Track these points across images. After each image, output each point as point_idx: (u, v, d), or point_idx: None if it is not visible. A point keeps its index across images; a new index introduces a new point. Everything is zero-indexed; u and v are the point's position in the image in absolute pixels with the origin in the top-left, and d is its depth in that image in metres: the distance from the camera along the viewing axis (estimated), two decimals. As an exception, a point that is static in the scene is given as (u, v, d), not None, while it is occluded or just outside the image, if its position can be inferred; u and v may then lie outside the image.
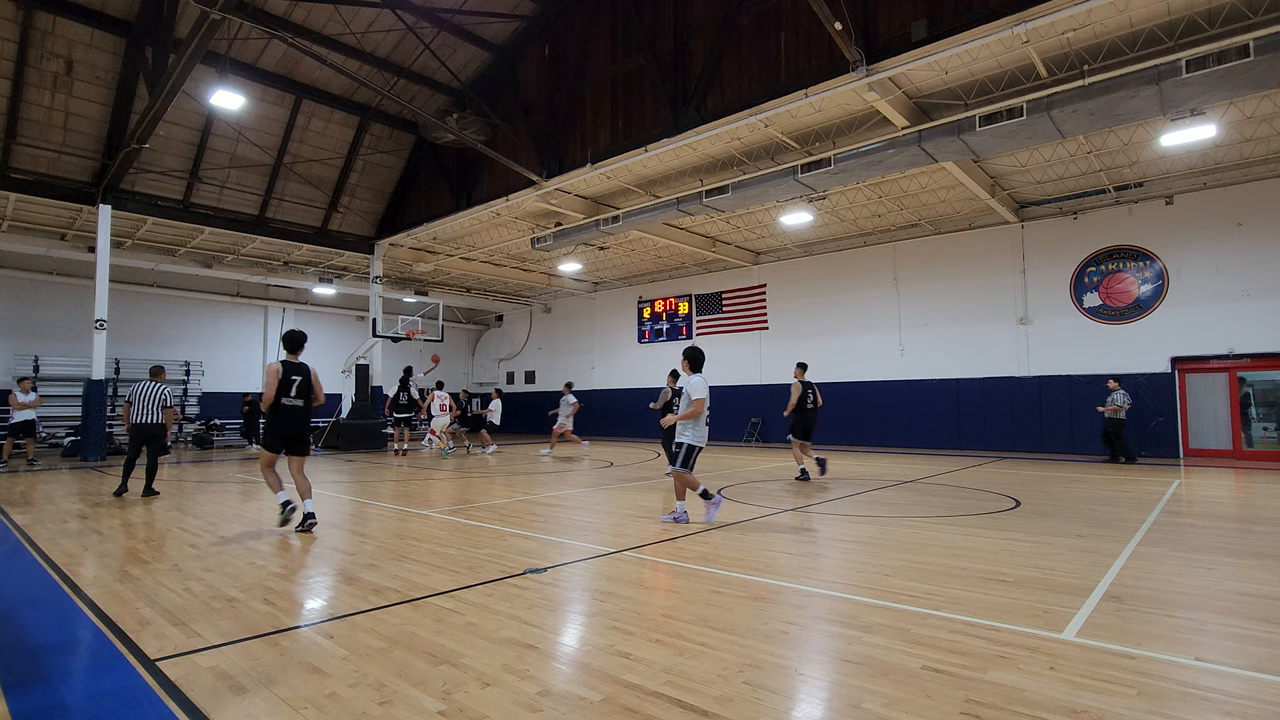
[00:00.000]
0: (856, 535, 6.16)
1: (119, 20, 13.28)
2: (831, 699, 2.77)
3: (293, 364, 6.60)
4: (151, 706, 2.70)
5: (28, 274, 18.62)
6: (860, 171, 12.00)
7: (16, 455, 14.08)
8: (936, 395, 17.11)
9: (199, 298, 22.00)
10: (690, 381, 6.73)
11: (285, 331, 6.90)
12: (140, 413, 8.55)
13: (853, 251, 18.92)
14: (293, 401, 6.50)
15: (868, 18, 10.30)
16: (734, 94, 12.01)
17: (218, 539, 6.07)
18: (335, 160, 18.02)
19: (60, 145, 14.46)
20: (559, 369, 27.43)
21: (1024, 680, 2.88)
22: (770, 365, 20.48)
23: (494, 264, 22.38)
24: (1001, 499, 8.24)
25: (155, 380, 8.88)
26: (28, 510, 7.76)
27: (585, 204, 16.35)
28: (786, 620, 3.72)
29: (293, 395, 6.50)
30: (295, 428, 6.58)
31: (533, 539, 6.05)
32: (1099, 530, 6.23)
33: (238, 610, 3.92)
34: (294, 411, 6.53)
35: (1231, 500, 8.35)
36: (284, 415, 6.51)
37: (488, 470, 12.61)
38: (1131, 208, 14.63)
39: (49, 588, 4.51)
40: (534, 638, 3.45)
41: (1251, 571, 4.73)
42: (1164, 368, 14.15)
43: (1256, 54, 8.11)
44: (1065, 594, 4.16)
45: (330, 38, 14.64)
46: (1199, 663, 3.09)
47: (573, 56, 15.00)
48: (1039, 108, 9.72)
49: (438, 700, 2.71)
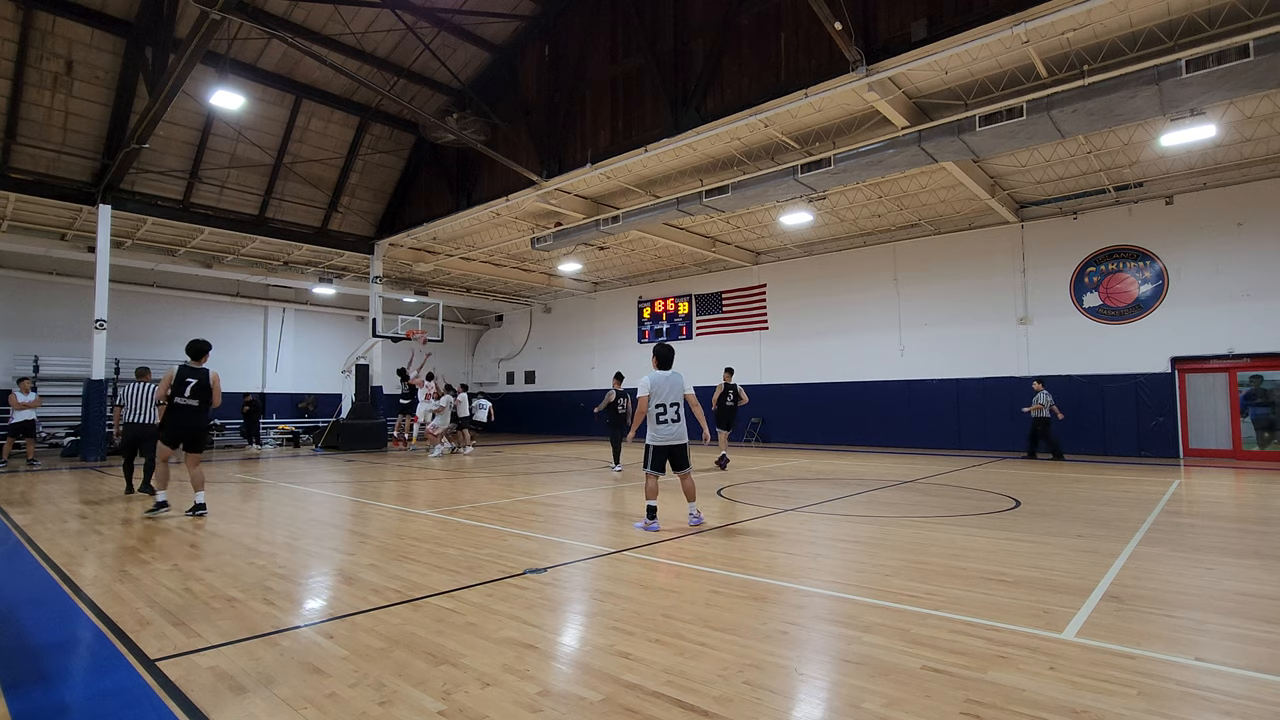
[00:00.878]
0: (856, 535, 6.16)
1: (119, 20, 13.29)
2: (831, 699, 2.77)
3: (190, 369, 7.33)
4: (151, 706, 2.69)
5: (28, 274, 18.62)
6: (860, 171, 12.00)
7: (16, 455, 14.07)
8: (936, 395, 17.12)
9: (199, 298, 21.99)
10: (640, 380, 6.49)
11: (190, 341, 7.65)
12: (132, 413, 8.69)
13: (853, 251, 18.92)
14: (186, 401, 7.19)
15: (868, 18, 10.30)
16: (734, 94, 12.01)
17: (218, 539, 6.07)
18: (335, 160, 18.02)
19: (60, 145, 14.46)
20: (559, 369, 27.45)
21: (1024, 680, 2.87)
22: (770, 365, 20.48)
23: (494, 264, 22.39)
24: (1001, 499, 8.24)
25: (143, 381, 9.01)
26: (28, 510, 7.76)
27: (585, 204, 16.35)
28: (786, 620, 3.72)
29: (186, 396, 7.19)
30: (186, 425, 7.24)
31: (533, 539, 6.05)
32: (1099, 530, 6.22)
33: (238, 610, 3.92)
34: (187, 410, 7.21)
35: (1231, 500, 8.34)
36: (177, 414, 7.21)
37: (488, 470, 12.61)
38: (1131, 208, 14.64)
39: (49, 588, 4.51)
40: (534, 638, 3.45)
41: (1251, 571, 4.73)
42: (1164, 368, 14.16)
43: (1256, 54, 8.11)
44: (1065, 594, 4.16)
45: (330, 38, 14.65)
46: (1199, 663, 3.09)
47: (573, 56, 15.01)
48: (1039, 108, 9.72)
49: (438, 700, 2.71)
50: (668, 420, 6.47)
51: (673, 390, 6.49)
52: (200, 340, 7.61)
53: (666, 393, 6.47)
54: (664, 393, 6.46)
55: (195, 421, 7.29)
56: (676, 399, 6.50)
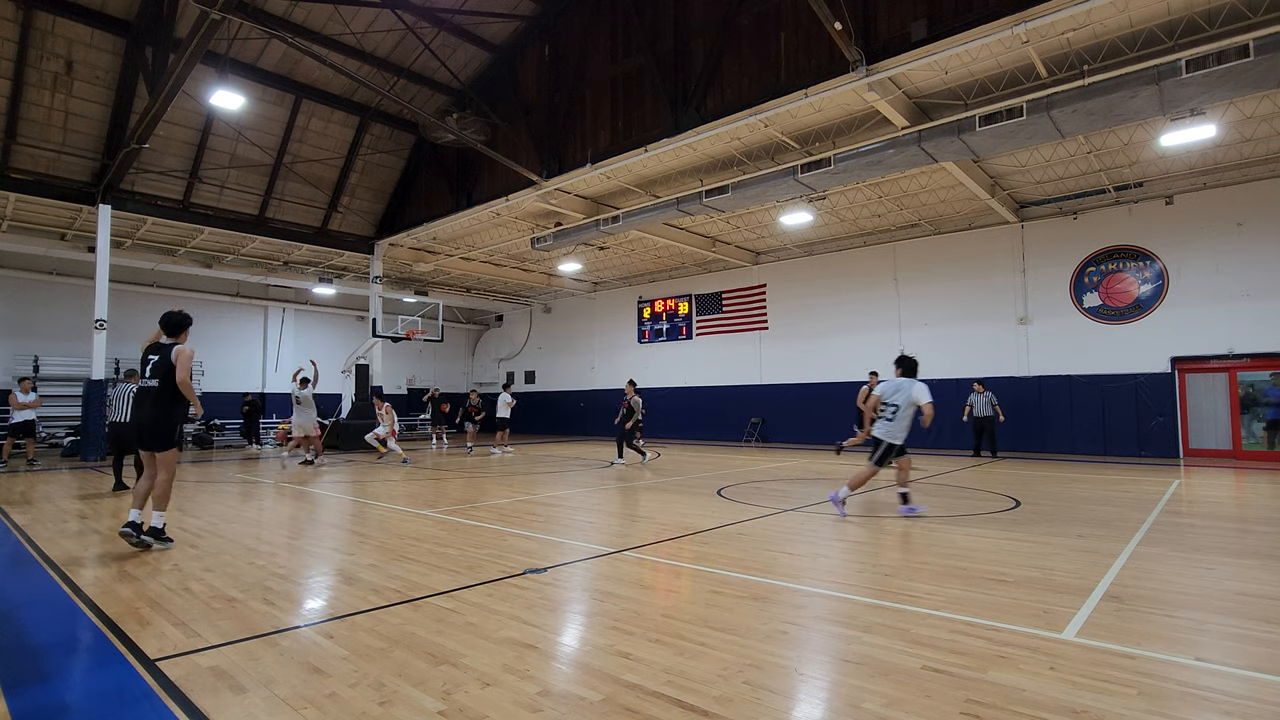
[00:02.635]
0: (856, 535, 6.16)
1: (119, 20, 13.29)
2: (831, 699, 2.77)
3: (154, 345, 5.83)
4: (151, 706, 2.70)
5: (28, 274, 18.62)
6: (860, 171, 12.00)
7: (16, 455, 14.07)
8: (936, 395, 17.00)
9: (199, 298, 21.99)
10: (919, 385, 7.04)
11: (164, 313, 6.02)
12: (116, 412, 8.73)
13: (853, 251, 18.92)
14: (145, 383, 5.70)
15: (868, 18, 10.30)
16: (734, 94, 12.01)
17: (218, 539, 6.07)
18: (335, 160, 18.02)
19: (60, 145, 14.46)
20: (559, 369, 27.45)
21: (1024, 680, 2.87)
22: (770, 365, 20.48)
23: (494, 264, 22.38)
24: (1001, 499, 8.24)
25: (129, 381, 9.14)
26: (28, 510, 7.76)
27: (585, 204, 16.35)
28: (786, 620, 3.72)
29: (146, 376, 5.70)
30: (143, 414, 5.66)
31: (533, 539, 6.05)
32: (1099, 530, 6.22)
33: (238, 610, 3.92)
34: (145, 395, 5.71)
35: (1231, 500, 8.34)
36: (135, 401, 5.83)
37: (487, 470, 12.61)
38: (1131, 208, 14.63)
39: (49, 588, 4.51)
40: (534, 638, 3.45)
41: (1251, 571, 4.73)
42: (1164, 368, 14.16)
43: (1256, 54, 8.11)
44: (1065, 594, 4.16)
45: (330, 38, 14.65)
46: (1199, 663, 3.09)
47: (573, 56, 15.00)
48: (1039, 108, 9.71)
49: (438, 700, 2.71)
50: (881, 419, 7.14)
51: (895, 394, 7.09)
52: (176, 312, 5.98)
53: (891, 397, 7.11)
54: (889, 396, 7.13)
55: (155, 409, 5.58)
56: (898, 403, 7.05)
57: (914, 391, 6.95)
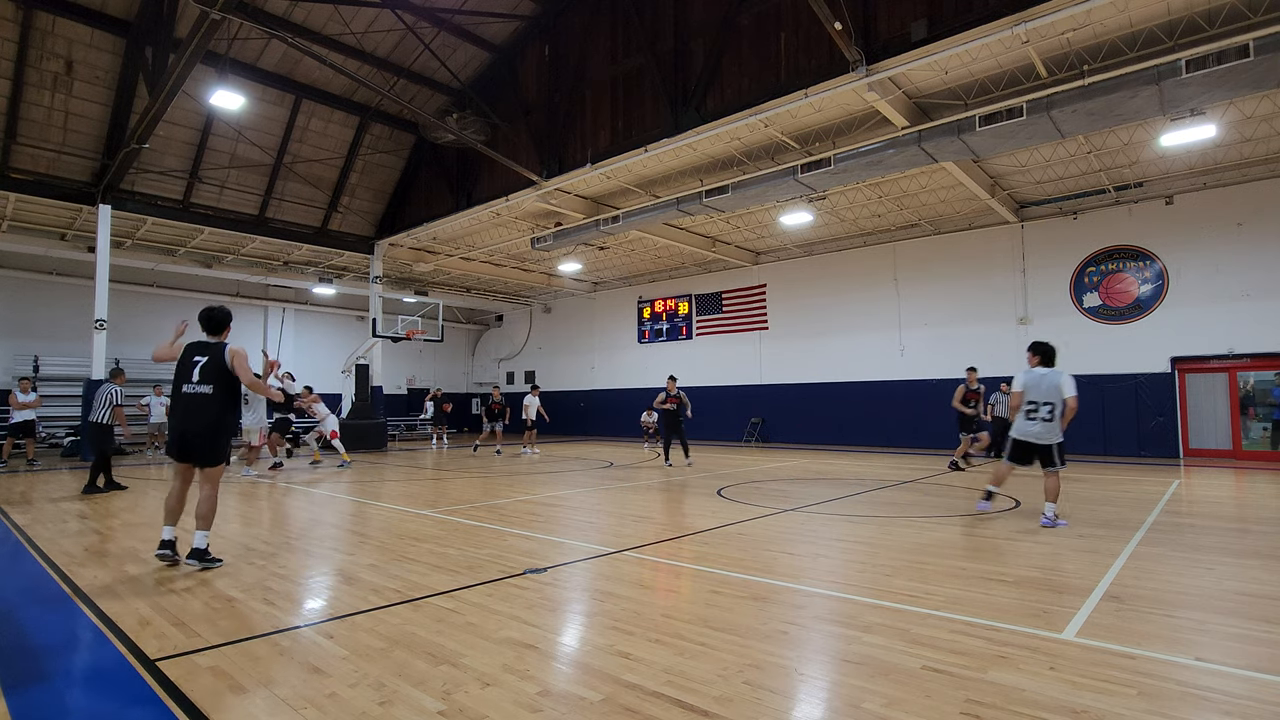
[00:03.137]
0: (856, 535, 6.16)
1: (119, 20, 13.28)
2: (831, 699, 2.77)
3: (200, 344, 5.14)
4: (151, 706, 2.70)
5: (28, 274, 18.61)
6: (860, 171, 12.00)
7: (16, 455, 14.07)
8: (937, 395, 17.10)
9: (199, 298, 21.95)
10: (1064, 376, 6.50)
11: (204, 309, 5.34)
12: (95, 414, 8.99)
13: (853, 251, 18.91)
14: (195, 389, 4.97)
15: (868, 18, 10.30)
16: (734, 94, 12.01)
17: (218, 539, 6.06)
18: (335, 160, 18.02)
19: (60, 145, 14.46)
20: (559, 369, 27.44)
21: (1024, 680, 2.87)
22: (770, 365, 20.47)
23: (494, 264, 22.38)
24: (1002, 499, 8.24)
25: (115, 382, 9.35)
26: (28, 510, 7.76)
27: (585, 204, 16.35)
28: (786, 620, 3.72)
29: (195, 381, 4.98)
30: (195, 424, 4.95)
31: (533, 539, 6.05)
32: (1099, 530, 6.23)
33: (238, 610, 3.92)
34: (195, 402, 4.97)
35: (1231, 500, 8.35)
36: (182, 408, 5.01)
37: (486, 470, 12.61)
38: (1131, 208, 14.63)
39: (49, 588, 4.51)
40: (534, 638, 3.45)
41: (1251, 571, 4.73)
42: (1164, 368, 14.15)
43: (1256, 54, 8.11)
44: (1065, 594, 4.16)
45: (330, 38, 14.64)
46: (1199, 663, 3.09)
47: (573, 56, 15.00)
48: (1039, 108, 9.71)
49: (438, 700, 2.71)
50: (1038, 419, 6.58)
51: (1047, 391, 6.53)
52: (217, 308, 5.30)
53: (1037, 391, 6.59)
54: (1034, 391, 6.60)
55: (209, 418, 4.94)
56: (1050, 399, 6.49)
57: (1061, 382, 6.46)
